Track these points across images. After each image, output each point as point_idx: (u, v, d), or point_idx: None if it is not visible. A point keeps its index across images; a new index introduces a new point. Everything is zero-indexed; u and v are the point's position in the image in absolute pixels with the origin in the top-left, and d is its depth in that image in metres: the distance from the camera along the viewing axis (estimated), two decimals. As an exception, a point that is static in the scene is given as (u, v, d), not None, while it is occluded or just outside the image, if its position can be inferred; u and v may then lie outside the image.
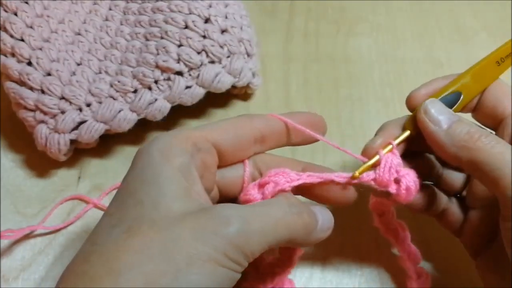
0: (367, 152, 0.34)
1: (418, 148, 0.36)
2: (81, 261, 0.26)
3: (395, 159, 0.33)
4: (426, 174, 0.37)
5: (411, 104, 0.35)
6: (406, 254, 0.38)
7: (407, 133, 0.34)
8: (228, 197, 0.34)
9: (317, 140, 0.35)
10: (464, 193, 0.38)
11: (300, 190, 0.33)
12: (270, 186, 0.32)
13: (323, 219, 0.31)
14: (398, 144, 0.34)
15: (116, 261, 0.25)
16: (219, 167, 0.33)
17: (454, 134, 0.31)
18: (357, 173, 0.33)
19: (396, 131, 0.35)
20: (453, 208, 0.37)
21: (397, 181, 0.33)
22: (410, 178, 0.33)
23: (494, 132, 0.35)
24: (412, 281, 0.38)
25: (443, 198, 0.37)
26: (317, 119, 0.35)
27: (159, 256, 0.25)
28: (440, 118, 0.32)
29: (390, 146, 0.33)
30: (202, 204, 0.29)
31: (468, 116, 0.37)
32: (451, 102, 0.34)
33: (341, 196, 0.34)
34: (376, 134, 0.35)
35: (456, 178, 0.37)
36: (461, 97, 0.35)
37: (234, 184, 0.33)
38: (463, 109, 0.36)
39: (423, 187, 0.35)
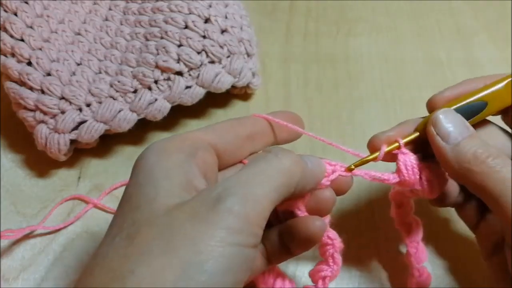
0: (371, 143, 0.33)
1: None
2: (85, 276, 0.26)
3: (410, 157, 0.32)
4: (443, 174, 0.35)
5: (430, 107, 0.34)
6: (413, 251, 0.37)
7: (416, 134, 0.33)
8: None
9: (299, 137, 0.35)
10: None
11: None
12: None
13: (312, 163, 0.31)
14: (405, 144, 0.32)
15: (119, 268, 0.25)
16: (220, 169, 0.33)
17: (461, 152, 0.30)
18: (352, 166, 0.32)
19: (411, 129, 0.33)
20: (472, 204, 0.36)
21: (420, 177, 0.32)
22: (430, 173, 0.32)
23: None
24: (413, 279, 0.38)
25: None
26: (296, 118, 0.35)
27: (162, 253, 0.24)
28: (450, 132, 0.30)
29: (396, 144, 0.32)
30: None
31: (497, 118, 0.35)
32: (474, 110, 0.32)
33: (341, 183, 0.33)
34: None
35: None
36: (486, 107, 0.32)
37: None
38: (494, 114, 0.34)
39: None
